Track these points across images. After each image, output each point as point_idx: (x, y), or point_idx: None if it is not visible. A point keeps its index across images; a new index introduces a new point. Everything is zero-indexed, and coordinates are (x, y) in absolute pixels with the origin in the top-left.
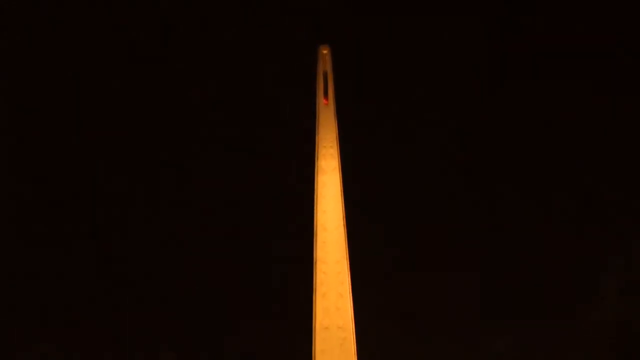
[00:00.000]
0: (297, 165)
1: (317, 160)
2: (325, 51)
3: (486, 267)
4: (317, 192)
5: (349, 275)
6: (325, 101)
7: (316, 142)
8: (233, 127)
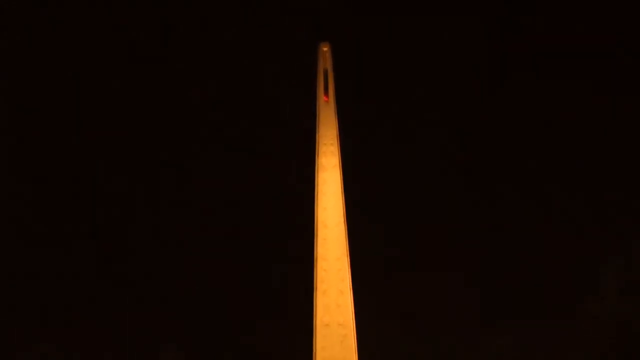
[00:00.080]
0: (297, 165)
1: (318, 157)
2: (325, 48)
3: (486, 267)
4: (318, 190)
5: (350, 272)
6: (325, 98)
7: (316, 140)
8: (233, 127)
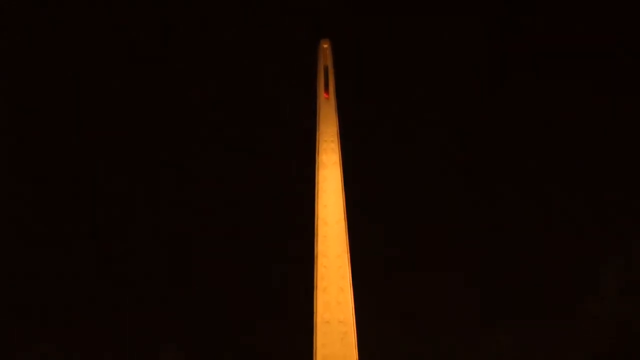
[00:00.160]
0: (297, 164)
1: (318, 154)
2: (325, 45)
3: (486, 267)
4: (318, 187)
5: (350, 269)
6: (325, 95)
7: (317, 137)
8: (233, 127)
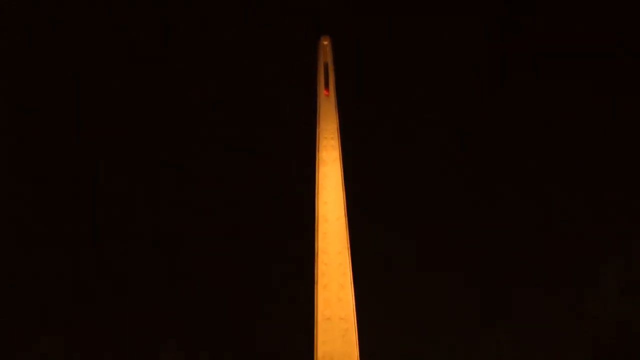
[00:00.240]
0: (297, 164)
1: (318, 151)
2: (325, 42)
3: (486, 267)
4: (318, 184)
5: (351, 266)
6: (326, 92)
7: (317, 134)
8: (233, 127)
